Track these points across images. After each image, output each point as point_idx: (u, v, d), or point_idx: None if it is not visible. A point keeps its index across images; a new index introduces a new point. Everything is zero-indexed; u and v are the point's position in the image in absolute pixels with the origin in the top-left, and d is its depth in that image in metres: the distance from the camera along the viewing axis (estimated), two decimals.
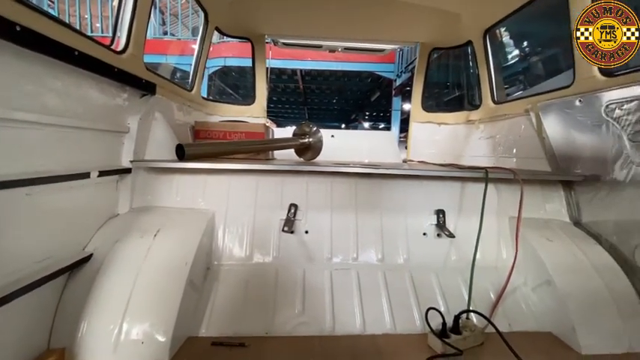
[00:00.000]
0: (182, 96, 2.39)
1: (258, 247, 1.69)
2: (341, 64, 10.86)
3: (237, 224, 1.72)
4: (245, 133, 2.23)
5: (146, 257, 1.36)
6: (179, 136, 2.01)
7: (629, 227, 1.54)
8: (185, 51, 9.36)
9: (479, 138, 2.72)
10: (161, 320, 1.21)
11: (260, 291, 1.53)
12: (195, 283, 1.44)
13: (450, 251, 1.75)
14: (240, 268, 1.62)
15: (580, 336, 1.34)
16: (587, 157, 1.74)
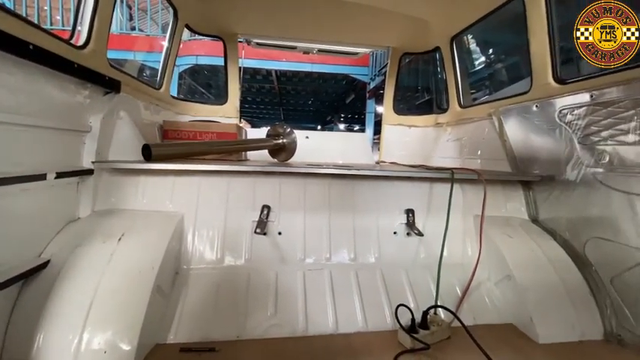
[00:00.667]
0: (150, 94, 2.30)
1: (229, 249, 1.66)
2: (316, 66, 10.91)
3: (207, 227, 1.68)
4: (216, 133, 2.18)
5: (109, 262, 1.29)
6: (146, 136, 1.94)
7: (579, 224, 1.67)
8: (154, 48, 9.02)
9: (446, 140, 2.84)
10: (125, 328, 1.16)
11: (231, 294, 1.50)
12: (163, 288, 1.39)
13: (419, 249, 1.81)
14: (210, 272, 1.59)
15: (537, 326, 1.43)
16: (544, 158, 1.87)
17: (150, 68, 7.69)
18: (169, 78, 2.61)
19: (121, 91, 1.79)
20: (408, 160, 3.00)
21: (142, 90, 2.16)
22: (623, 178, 1.44)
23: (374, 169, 1.87)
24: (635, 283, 1.38)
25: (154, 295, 1.27)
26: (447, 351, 1.33)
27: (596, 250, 1.57)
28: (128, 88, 1.89)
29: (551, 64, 1.82)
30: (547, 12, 1.80)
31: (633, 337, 1.36)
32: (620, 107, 1.44)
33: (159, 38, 9.22)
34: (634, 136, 1.39)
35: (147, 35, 9.85)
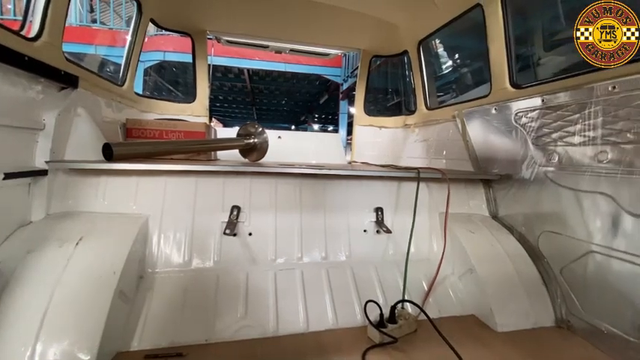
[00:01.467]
0: (112, 91, 2.19)
1: (197, 251, 1.62)
2: (289, 66, 10.87)
3: (174, 229, 1.62)
4: (184, 132, 2.12)
5: (66, 268, 1.22)
6: (107, 134, 1.84)
7: (533, 219, 1.79)
8: (118, 42, 8.58)
9: (414, 141, 2.94)
10: (84, 336, 1.10)
11: (200, 297, 1.47)
12: (126, 293, 1.33)
13: (387, 246, 1.86)
14: (177, 275, 1.54)
15: (496, 316, 1.52)
16: (502, 158, 1.99)
17: (113, 64, 7.29)
18: (133, 74, 2.50)
19: (79, 86, 1.69)
20: (378, 160, 3.08)
21: (103, 86, 2.05)
22: (570, 176, 1.57)
23: (345, 169, 1.90)
24: (581, 272, 1.51)
25: (115, 300, 1.21)
26: (413, 343, 1.38)
27: (547, 243, 1.70)
28: (87, 83, 1.79)
29: (508, 70, 1.95)
30: (504, 21, 1.92)
31: (581, 322, 1.48)
32: (568, 111, 1.56)
33: (123, 32, 8.78)
34: (579, 138, 1.51)
35: (110, 29, 9.34)
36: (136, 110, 2.55)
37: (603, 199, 1.41)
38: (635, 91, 1.28)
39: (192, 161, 1.98)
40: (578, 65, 1.52)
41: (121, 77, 2.44)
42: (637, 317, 1.26)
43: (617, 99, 1.35)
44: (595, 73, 1.47)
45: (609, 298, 1.37)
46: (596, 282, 1.44)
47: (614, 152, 1.37)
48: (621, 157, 1.34)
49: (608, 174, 1.39)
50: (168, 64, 9.81)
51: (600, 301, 1.42)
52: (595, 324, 1.42)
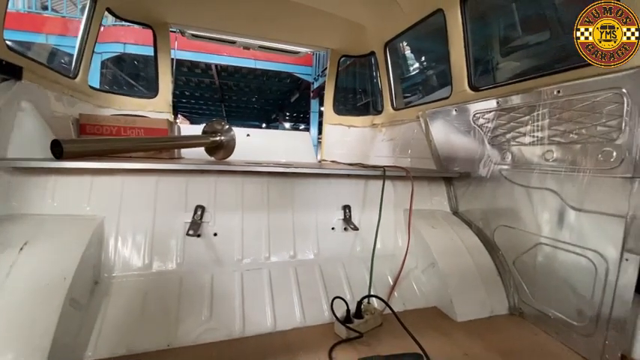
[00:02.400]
0: (63, 84, 2.04)
1: (158, 254, 1.55)
2: (259, 63, 10.71)
3: (133, 230, 1.54)
4: (144, 129, 2.02)
5: (8, 275, 1.12)
6: (58, 131, 1.71)
7: (489, 214, 1.90)
8: (73, 31, 7.98)
9: (381, 140, 3.01)
10: (30, 348, 1.02)
11: (161, 301, 1.41)
12: (79, 300, 1.25)
13: (355, 243, 1.90)
14: (137, 279, 1.47)
15: (456, 307, 1.60)
16: (462, 157, 2.09)
17: (68, 55, 6.77)
18: (87, 66, 2.33)
19: (23, 78, 1.55)
20: (347, 158, 3.12)
21: (52, 78, 1.90)
22: (521, 173, 1.68)
23: (313, 168, 1.91)
24: (531, 263, 1.62)
25: (66, 308, 1.13)
26: (379, 337, 1.41)
27: (502, 236, 1.81)
28: (33, 75, 1.65)
29: (467, 73, 2.05)
30: (463, 27, 2.02)
31: (531, 309, 1.60)
32: (519, 113, 1.67)
33: (77, 21, 8.18)
34: (529, 138, 1.63)
35: (63, 17, 8.66)
36: (90, 105, 2.39)
37: (550, 195, 1.53)
38: (576, 95, 1.40)
39: (152, 159, 1.89)
40: (531, 70, 1.64)
41: (73, 69, 2.27)
42: (578, 302, 1.38)
43: (561, 102, 1.46)
44: (542, 78, 1.59)
45: (555, 285, 1.49)
46: (544, 271, 1.56)
47: (558, 151, 1.49)
48: (565, 155, 1.46)
49: (553, 171, 1.50)
50: (129, 57, 9.28)
51: (547, 289, 1.54)
52: (543, 310, 1.53)
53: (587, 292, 1.34)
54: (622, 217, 1.23)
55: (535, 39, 4.54)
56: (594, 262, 1.32)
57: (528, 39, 4.68)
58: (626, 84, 1.22)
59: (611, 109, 1.27)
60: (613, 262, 1.25)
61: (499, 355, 1.32)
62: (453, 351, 1.34)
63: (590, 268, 1.33)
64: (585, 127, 1.37)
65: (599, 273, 1.30)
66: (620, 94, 1.24)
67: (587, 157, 1.36)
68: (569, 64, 1.49)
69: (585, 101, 1.36)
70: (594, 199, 1.33)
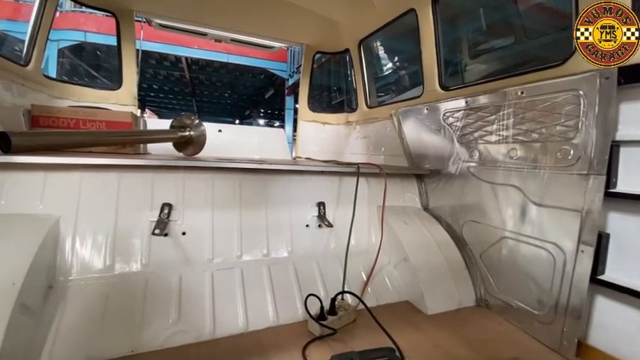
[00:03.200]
0: (11, 71, 1.86)
1: (121, 255, 1.45)
2: (232, 57, 10.45)
3: (92, 230, 1.44)
4: (106, 122, 1.89)
5: None
6: (5, 122, 1.56)
7: (458, 210, 1.97)
8: (25, 16, 7.35)
9: (356, 137, 3.03)
10: None
11: (125, 305, 1.33)
12: (30, 306, 1.14)
13: (329, 240, 1.89)
14: (97, 282, 1.37)
15: (427, 300, 1.65)
16: (433, 154, 2.14)
17: (21, 42, 6.22)
18: (40, 53, 2.15)
19: None
20: (322, 155, 3.11)
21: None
22: (488, 170, 1.75)
23: (286, 164, 1.88)
24: (496, 256, 1.70)
25: (15, 316, 1.03)
26: (352, 333, 1.42)
27: (470, 231, 1.88)
28: None
29: (438, 73, 2.10)
30: (435, 27, 2.06)
31: (496, 300, 1.67)
32: (486, 112, 1.74)
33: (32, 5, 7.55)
34: (495, 137, 1.70)
35: (16, 0, 7.95)
36: (45, 95, 2.20)
37: (513, 191, 1.60)
38: (538, 96, 1.47)
39: (115, 154, 1.78)
40: (497, 72, 1.70)
41: (24, 56, 2.08)
42: (539, 292, 1.46)
43: (525, 103, 1.53)
44: (508, 79, 1.67)
45: (518, 277, 1.57)
46: (508, 264, 1.63)
47: (522, 149, 1.56)
48: (527, 154, 1.53)
49: (517, 169, 1.58)
50: (91, 46, 8.71)
51: (511, 281, 1.61)
52: (507, 301, 1.61)
53: (546, 282, 1.42)
54: (578, 212, 1.31)
55: (500, 43, 4.77)
56: (553, 254, 1.40)
57: (494, 43, 4.91)
58: (583, 86, 1.29)
59: (569, 110, 1.34)
60: (570, 253, 1.33)
61: (467, 346, 1.37)
62: (424, 344, 1.37)
63: (550, 259, 1.41)
64: (546, 127, 1.44)
65: (557, 264, 1.38)
66: (577, 95, 1.31)
67: (547, 155, 1.44)
68: (531, 67, 1.57)
69: (546, 102, 1.43)
70: (553, 194, 1.41)
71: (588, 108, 1.28)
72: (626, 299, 1.20)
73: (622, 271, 1.24)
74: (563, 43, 4.41)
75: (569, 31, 1.36)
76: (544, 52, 4.51)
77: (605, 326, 1.27)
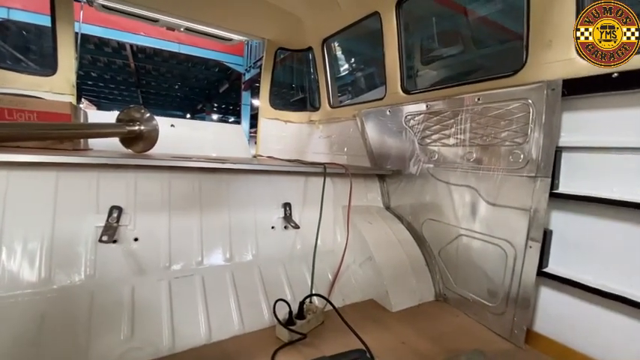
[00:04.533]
0: None
1: (61, 265, 1.27)
2: (184, 47, 9.83)
3: (23, 238, 1.24)
4: (38, 113, 1.64)
5: None
6: None
7: (418, 209, 2.05)
8: None
9: (319, 137, 3.02)
10: None
11: (66, 323, 1.16)
12: None
13: (295, 241, 1.85)
14: (30, 299, 1.18)
15: (391, 297, 1.69)
16: (394, 155, 2.20)
17: None
18: None
19: None
20: (284, 154, 3.05)
21: None
22: (446, 171, 1.84)
23: (251, 163, 1.80)
24: (453, 253, 1.80)
25: None
26: (322, 336, 1.40)
27: (429, 229, 1.97)
28: None
29: (400, 76, 2.16)
30: (398, 31, 2.12)
31: (453, 294, 1.77)
32: (445, 117, 1.83)
33: None
34: (453, 140, 1.79)
35: None
36: None
37: (469, 191, 1.70)
38: (492, 103, 1.58)
39: (50, 150, 1.55)
40: (447, 79, 1.80)
41: None
42: (492, 286, 1.57)
43: (480, 109, 1.64)
44: (465, 86, 1.77)
45: (473, 272, 1.68)
46: (464, 260, 1.74)
47: (477, 153, 1.66)
48: (482, 156, 1.64)
49: (473, 170, 1.68)
50: (15, 26, 7.59)
51: (467, 276, 1.72)
52: (463, 294, 1.71)
53: (499, 276, 1.54)
54: (527, 211, 1.43)
55: (450, 51, 5.10)
56: (505, 250, 1.52)
57: (444, 50, 5.24)
58: (532, 96, 1.41)
59: (520, 117, 1.46)
60: (520, 249, 1.45)
61: (430, 340, 1.42)
62: (392, 341, 1.40)
63: (502, 255, 1.53)
64: (499, 132, 1.55)
65: (508, 259, 1.50)
66: (527, 104, 1.43)
67: (500, 158, 1.55)
68: (478, 75, 1.68)
69: (500, 109, 1.54)
70: (505, 195, 1.53)
71: (536, 116, 1.40)
72: (567, 289, 1.34)
73: (563, 264, 1.38)
74: (507, 54, 4.85)
75: (512, 43, 1.47)
76: (490, 61, 4.93)
77: (549, 314, 1.40)
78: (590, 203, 1.28)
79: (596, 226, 1.28)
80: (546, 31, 1.37)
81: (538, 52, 1.41)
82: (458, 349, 1.36)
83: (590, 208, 1.29)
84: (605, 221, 1.25)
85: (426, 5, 3.06)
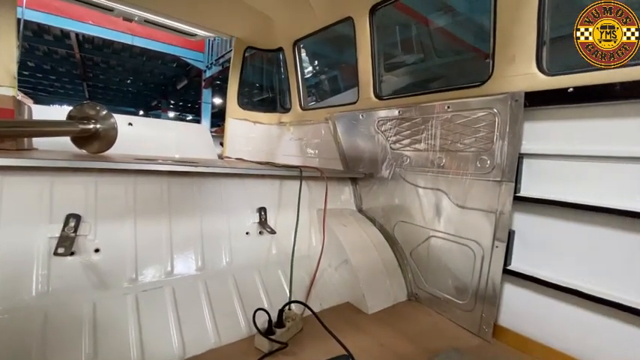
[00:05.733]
0: None
1: (6, 283, 1.11)
2: (138, 39, 9.20)
3: None
4: None
5: None
6: None
7: (390, 211, 2.11)
8: None
9: (290, 139, 2.98)
10: None
11: (14, 348, 1.02)
12: None
13: (270, 247, 1.80)
14: None
15: (368, 300, 1.71)
16: (367, 159, 2.24)
17: None
18: None
19: None
20: (253, 156, 2.96)
21: None
22: (418, 175, 1.91)
23: (224, 166, 1.72)
24: (424, 253, 1.87)
25: None
26: (302, 344, 1.37)
27: (400, 231, 2.03)
28: None
29: (373, 82, 2.21)
30: (371, 37, 2.16)
31: (425, 293, 1.84)
32: (417, 123, 1.90)
33: None
34: (424, 145, 1.86)
35: None
36: None
37: (440, 195, 1.78)
38: (461, 111, 1.67)
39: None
40: (408, 86, 1.86)
41: None
42: (461, 284, 1.66)
43: (450, 116, 1.72)
44: (436, 94, 1.85)
45: (443, 272, 1.76)
46: (435, 260, 1.81)
47: (447, 158, 1.75)
48: (452, 161, 1.72)
49: (443, 174, 1.76)
50: None
51: (437, 275, 1.80)
52: (434, 293, 1.79)
53: (467, 275, 1.63)
54: (493, 213, 1.53)
55: (412, 59, 5.33)
56: (473, 250, 1.61)
57: (405, 58, 5.46)
58: (497, 105, 1.51)
59: (487, 125, 1.56)
60: (487, 249, 1.55)
61: (407, 340, 1.46)
62: (371, 344, 1.42)
63: (471, 254, 1.62)
64: (468, 139, 1.65)
65: (476, 259, 1.59)
66: (493, 113, 1.53)
67: (469, 164, 1.64)
68: (441, 84, 1.78)
69: (468, 117, 1.63)
70: (474, 198, 1.62)
71: (501, 125, 1.50)
72: (528, 285, 1.46)
73: (524, 262, 1.49)
74: (463, 64, 5.16)
75: (467, 54, 1.56)
76: (447, 70, 5.23)
77: (512, 309, 1.51)
78: (548, 206, 1.40)
79: (554, 226, 1.40)
80: (510, 46, 1.48)
81: (503, 66, 1.52)
82: (434, 348, 1.41)
83: (549, 210, 1.41)
84: (562, 222, 1.37)
85: (390, 14, 3.15)
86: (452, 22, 4.89)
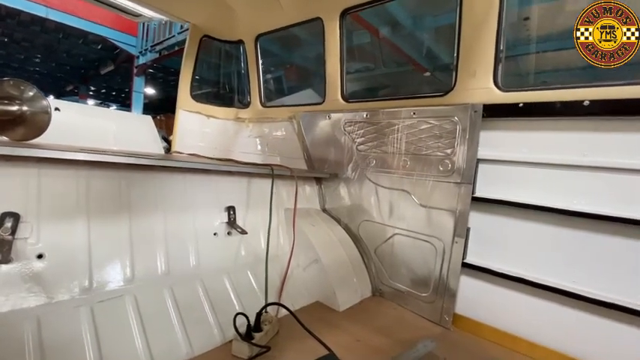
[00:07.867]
0: None
1: None
2: (53, 12, 7.93)
3: None
4: None
5: None
6: None
7: (355, 211, 2.17)
8: None
9: (248, 136, 2.87)
10: None
11: None
12: None
13: (239, 248, 1.71)
14: None
15: (339, 297, 1.74)
16: (332, 159, 2.28)
17: None
18: None
19: None
20: (207, 152, 2.78)
21: None
22: (383, 176, 2.00)
23: (190, 161, 1.58)
24: (389, 250, 1.97)
25: None
26: (281, 346, 1.34)
27: (365, 229, 2.11)
28: None
29: (340, 84, 2.25)
30: (340, 40, 2.20)
31: (388, 288, 1.94)
32: (383, 126, 1.99)
33: None
34: (391, 148, 1.96)
35: None
36: None
37: (404, 195, 1.90)
38: (426, 118, 1.80)
39: None
40: (359, 92, 1.94)
41: None
42: (423, 278, 1.79)
43: (415, 122, 1.85)
44: (403, 100, 1.97)
45: (406, 267, 1.87)
46: (398, 256, 1.92)
47: (412, 160, 1.87)
48: (416, 164, 1.85)
49: (408, 176, 1.88)
50: None
51: (400, 270, 1.91)
52: (398, 288, 1.90)
53: (429, 269, 1.76)
54: (453, 212, 1.68)
55: (364, 67, 5.57)
56: (435, 246, 1.75)
57: (357, 66, 5.69)
58: (459, 115, 1.68)
59: (449, 131, 1.71)
60: (448, 244, 1.69)
61: (379, 334, 1.53)
62: (348, 341, 1.45)
63: (432, 250, 1.76)
64: (431, 143, 1.79)
65: (437, 254, 1.74)
66: (454, 121, 1.69)
67: (432, 167, 1.78)
68: (387, 91, 1.91)
69: (432, 123, 1.77)
70: (436, 198, 1.76)
71: (462, 132, 1.67)
72: (481, 276, 1.64)
73: (478, 255, 1.67)
74: (406, 76, 5.53)
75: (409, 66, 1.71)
76: (393, 80, 5.59)
77: (469, 298, 1.68)
78: (500, 205, 1.59)
79: (504, 223, 1.60)
80: (472, 62, 1.65)
81: (465, 79, 1.69)
82: (406, 339, 1.50)
83: (500, 209, 1.61)
84: (511, 219, 1.58)
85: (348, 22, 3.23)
86: (398, 35, 5.24)
